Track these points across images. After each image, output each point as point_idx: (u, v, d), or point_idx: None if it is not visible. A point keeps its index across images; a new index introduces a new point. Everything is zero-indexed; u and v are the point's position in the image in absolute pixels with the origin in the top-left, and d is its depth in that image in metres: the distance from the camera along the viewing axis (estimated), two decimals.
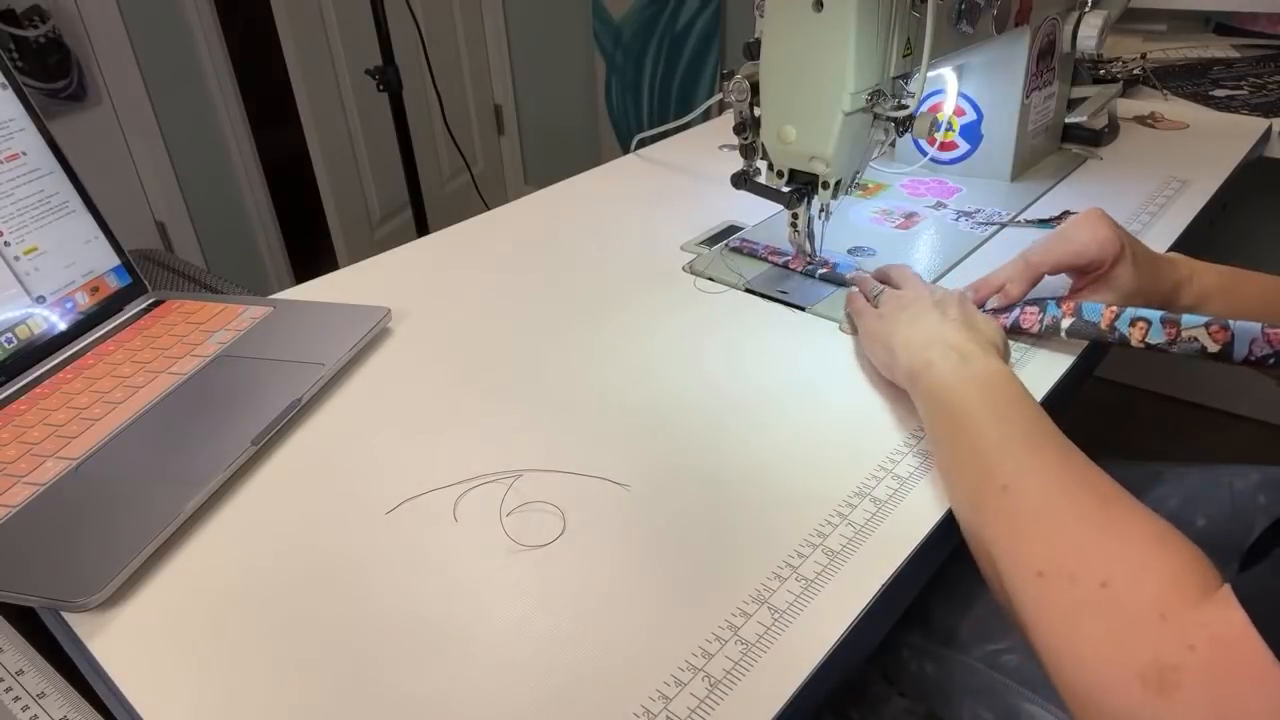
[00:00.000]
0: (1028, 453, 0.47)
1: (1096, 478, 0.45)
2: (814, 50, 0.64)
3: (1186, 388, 1.79)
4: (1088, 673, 0.38)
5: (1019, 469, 0.46)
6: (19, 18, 1.66)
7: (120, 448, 0.57)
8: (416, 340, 0.70)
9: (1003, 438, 0.48)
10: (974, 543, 0.47)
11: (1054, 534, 0.43)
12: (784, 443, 0.56)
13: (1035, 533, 0.43)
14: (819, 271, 0.75)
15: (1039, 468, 0.46)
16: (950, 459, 0.51)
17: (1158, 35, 1.39)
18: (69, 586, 0.45)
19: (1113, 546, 0.41)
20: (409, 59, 1.76)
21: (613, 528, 0.49)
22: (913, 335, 0.58)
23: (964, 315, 0.59)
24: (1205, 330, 0.58)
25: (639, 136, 1.10)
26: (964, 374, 0.53)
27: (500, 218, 0.93)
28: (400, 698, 0.40)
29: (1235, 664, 0.34)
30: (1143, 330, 0.59)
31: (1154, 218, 0.83)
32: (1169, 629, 0.37)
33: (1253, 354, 0.57)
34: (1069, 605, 0.40)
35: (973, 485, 0.48)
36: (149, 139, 1.92)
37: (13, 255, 0.65)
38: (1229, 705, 0.34)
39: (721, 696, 0.40)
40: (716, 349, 0.67)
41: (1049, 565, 0.41)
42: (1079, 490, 0.44)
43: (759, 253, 0.80)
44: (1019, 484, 0.45)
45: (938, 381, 0.53)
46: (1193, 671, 0.35)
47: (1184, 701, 0.35)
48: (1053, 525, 0.43)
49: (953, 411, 0.51)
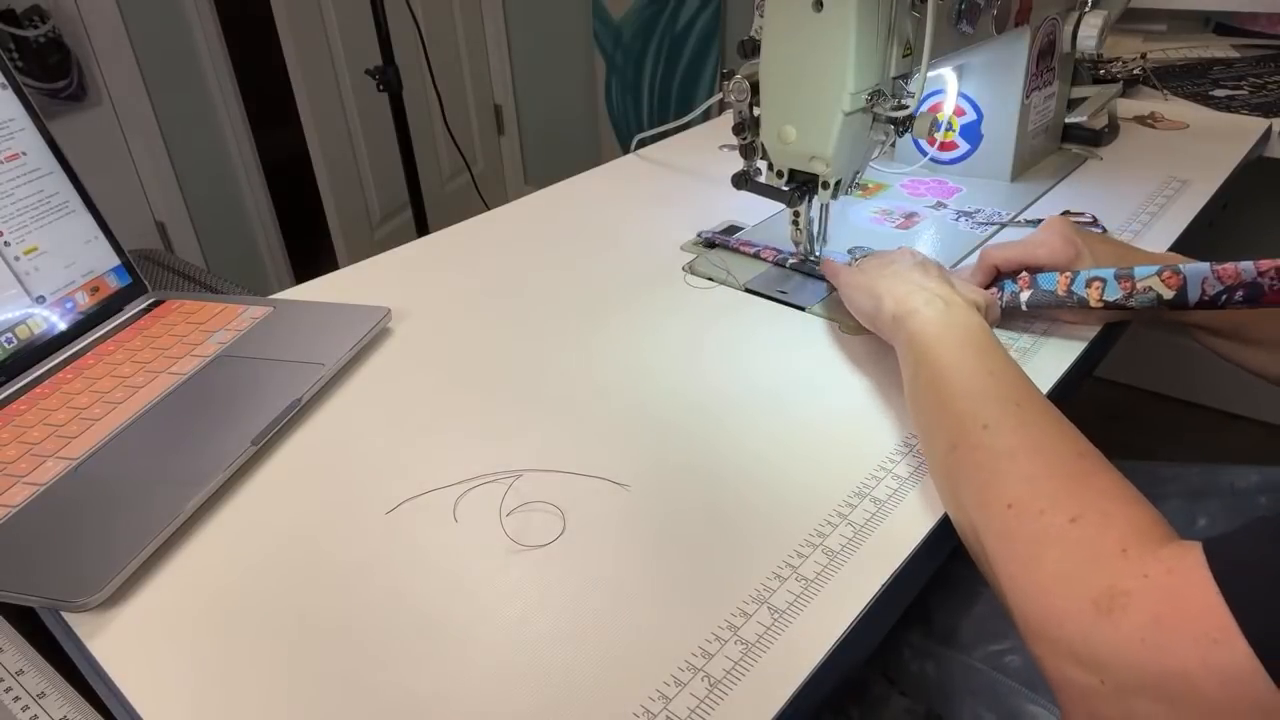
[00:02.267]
0: (1011, 400, 0.48)
1: (1073, 434, 0.46)
2: (814, 50, 0.64)
3: (1186, 388, 1.79)
4: (1044, 598, 0.39)
5: (1001, 412, 0.47)
6: (19, 18, 1.66)
7: (120, 448, 0.57)
8: (416, 340, 0.70)
9: (986, 381, 0.50)
10: (947, 484, 0.48)
11: (1029, 473, 0.44)
12: (784, 443, 0.56)
13: (1010, 471, 0.44)
14: (809, 259, 0.75)
15: (1019, 415, 0.47)
16: (931, 400, 0.52)
17: (1158, 35, 1.39)
18: (69, 586, 0.45)
19: (1085, 491, 0.42)
20: (409, 59, 1.76)
21: (613, 528, 0.49)
22: (896, 285, 0.59)
23: (945, 274, 0.61)
24: (1159, 278, 0.59)
25: (639, 136, 1.10)
26: (948, 319, 0.54)
27: (500, 218, 0.93)
28: (400, 697, 0.40)
29: (1180, 592, 0.35)
30: (1099, 289, 0.61)
31: (1154, 218, 0.83)
32: (1128, 561, 0.38)
33: (1205, 294, 0.57)
34: (1034, 534, 0.41)
35: (953, 424, 0.49)
36: (149, 139, 1.92)
37: (13, 255, 0.65)
38: (1166, 630, 0.35)
39: (721, 696, 0.40)
40: (716, 349, 0.67)
41: (1019, 499, 0.43)
42: (1056, 440, 0.45)
43: (746, 250, 0.80)
44: (999, 424, 0.46)
45: (921, 325, 0.55)
46: (1142, 596, 0.36)
47: (1126, 623, 0.36)
48: (1029, 465, 0.44)
49: (936, 353, 0.53)
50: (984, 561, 0.44)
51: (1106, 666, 0.36)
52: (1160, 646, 0.34)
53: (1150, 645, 0.35)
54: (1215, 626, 0.33)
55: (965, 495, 0.46)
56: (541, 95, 2.64)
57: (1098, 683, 0.36)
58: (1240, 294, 0.56)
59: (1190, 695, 0.33)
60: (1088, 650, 0.37)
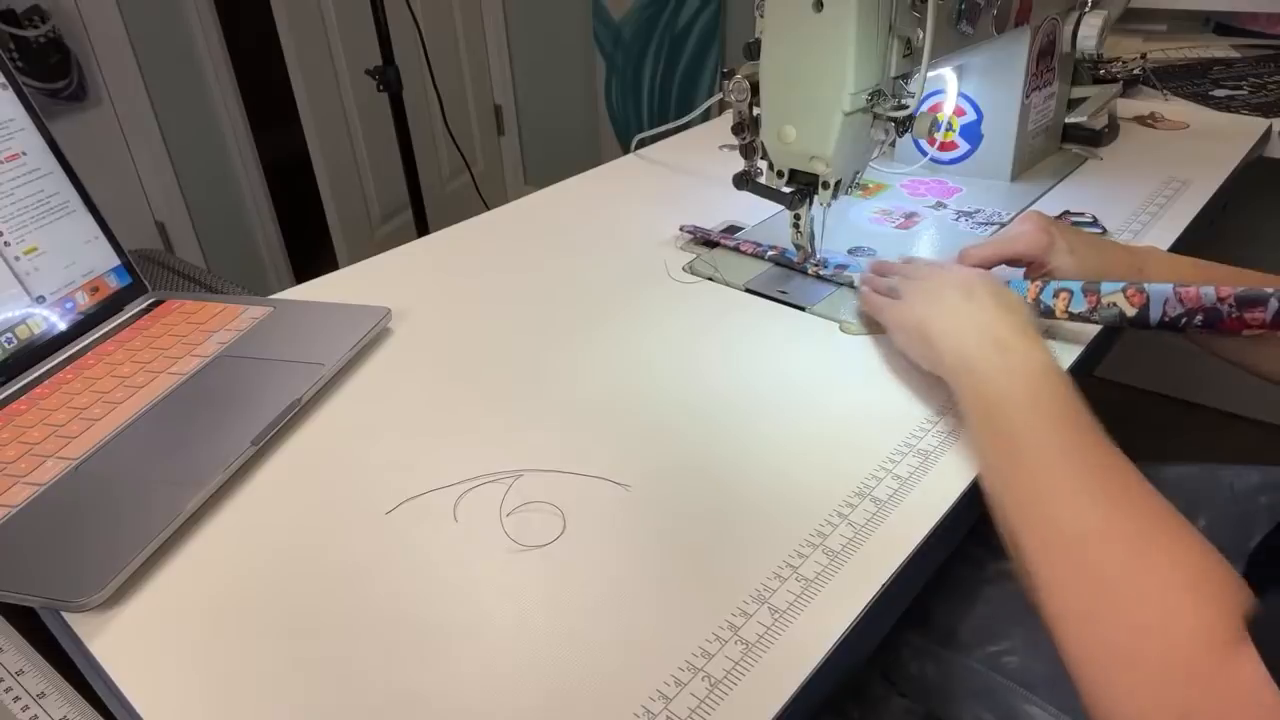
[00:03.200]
0: (1072, 472, 0.46)
1: (1140, 496, 0.44)
2: (814, 50, 0.64)
3: (1186, 388, 1.79)
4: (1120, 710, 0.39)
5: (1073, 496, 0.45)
6: (19, 18, 1.66)
7: (120, 448, 0.57)
8: (416, 340, 0.70)
9: (1044, 452, 0.47)
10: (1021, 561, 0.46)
11: (1093, 570, 0.42)
12: (784, 442, 0.56)
13: (1076, 565, 0.43)
14: (810, 267, 0.75)
15: (1082, 488, 0.45)
16: (997, 471, 0.50)
17: (1158, 35, 1.39)
18: (69, 586, 0.45)
19: (1152, 583, 0.41)
20: (409, 59, 1.76)
21: (613, 528, 0.49)
22: (948, 324, 0.56)
23: (994, 296, 0.57)
24: (1123, 294, 0.60)
25: (639, 136, 1.10)
26: (1009, 370, 0.52)
27: (500, 218, 0.93)
28: (400, 697, 0.40)
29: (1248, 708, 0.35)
30: (1065, 300, 0.61)
31: (1154, 218, 0.83)
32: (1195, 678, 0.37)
33: (1166, 314, 0.58)
34: (1106, 650, 0.40)
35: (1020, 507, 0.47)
36: (149, 139, 1.92)
37: (13, 255, 0.65)
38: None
39: (721, 696, 0.40)
40: (717, 349, 0.67)
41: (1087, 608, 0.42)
42: (1123, 517, 0.44)
43: (727, 243, 0.81)
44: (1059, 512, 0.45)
45: (981, 384, 0.52)
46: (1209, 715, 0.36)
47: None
48: (1093, 561, 0.43)
49: (1001, 418, 0.50)
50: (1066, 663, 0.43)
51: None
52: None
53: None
54: None
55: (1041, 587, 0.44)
56: (541, 95, 2.64)
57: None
58: (1200, 318, 0.57)
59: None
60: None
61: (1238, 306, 0.56)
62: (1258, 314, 0.55)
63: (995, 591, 0.66)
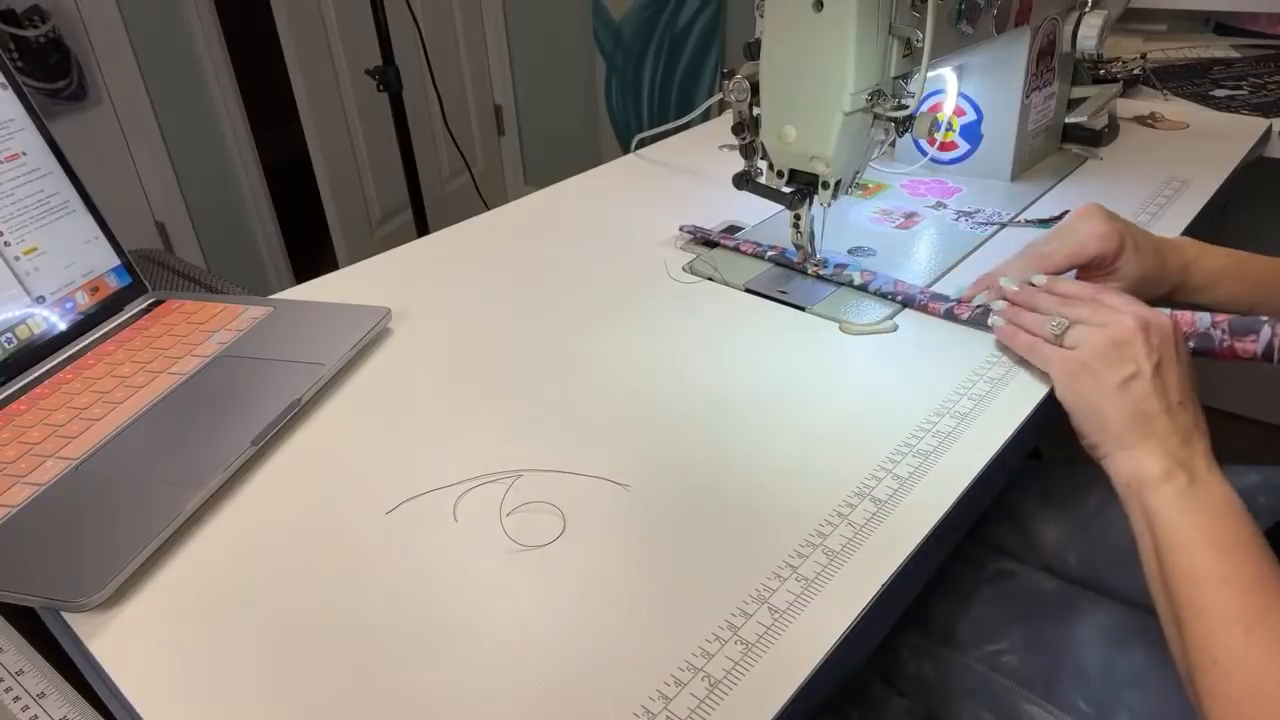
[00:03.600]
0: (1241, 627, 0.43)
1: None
2: (814, 50, 0.64)
3: None
4: None
5: (1229, 645, 0.43)
6: (19, 18, 1.66)
7: (120, 448, 0.57)
8: (416, 340, 0.70)
9: (1215, 597, 0.44)
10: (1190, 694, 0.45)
11: None
12: (784, 442, 0.56)
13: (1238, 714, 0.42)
14: (810, 267, 0.75)
15: (1248, 644, 0.42)
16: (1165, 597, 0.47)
17: (1158, 35, 1.39)
18: (69, 586, 0.45)
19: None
20: (409, 59, 1.76)
21: (613, 528, 0.49)
22: (1130, 419, 0.50)
23: (1181, 386, 0.51)
24: None
25: (639, 136, 1.10)
26: (1190, 502, 0.47)
27: (500, 218, 0.93)
28: (400, 698, 0.40)
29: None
30: None
31: (1154, 218, 0.83)
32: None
33: None
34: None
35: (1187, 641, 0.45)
36: (149, 139, 1.92)
37: (13, 255, 0.65)
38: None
39: (721, 696, 0.40)
40: (716, 349, 0.67)
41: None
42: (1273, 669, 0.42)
43: (727, 243, 0.81)
44: (1227, 664, 0.43)
45: (1160, 506, 0.48)
46: None
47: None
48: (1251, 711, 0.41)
49: (1172, 542, 0.47)
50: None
51: None
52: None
53: None
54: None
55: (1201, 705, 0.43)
56: (541, 95, 2.64)
57: None
58: (1193, 344, 0.57)
59: None
60: None
61: (1230, 334, 0.56)
62: (1249, 343, 0.56)
63: (994, 591, 0.66)
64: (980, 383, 0.60)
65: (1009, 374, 0.61)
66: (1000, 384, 0.60)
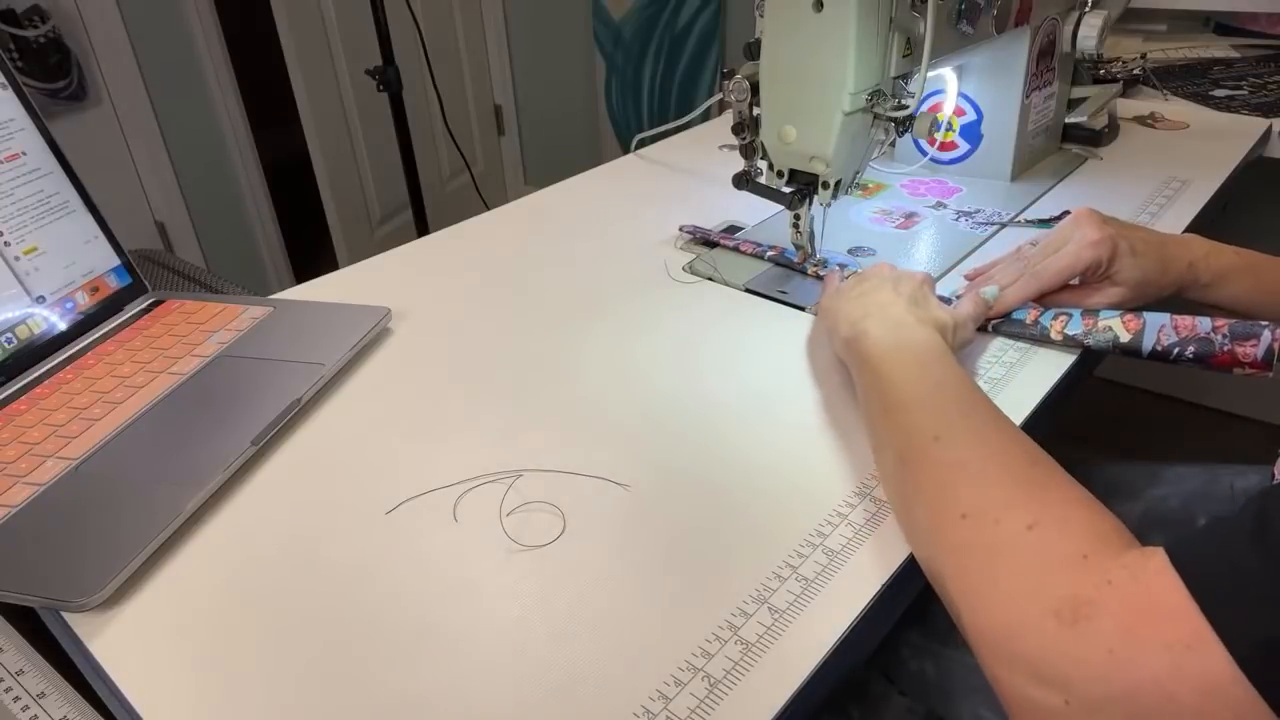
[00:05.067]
0: (959, 411, 0.47)
1: (1026, 443, 0.45)
2: (814, 50, 0.64)
3: (1186, 388, 1.79)
4: (1002, 611, 0.37)
5: (950, 423, 0.47)
6: (19, 18, 1.66)
7: (120, 448, 0.57)
8: (416, 340, 0.70)
9: (935, 395, 0.49)
10: (900, 501, 0.47)
11: (982, 482, 0.43)
12: (784, 443, 0.56)
13: (962, 481, 0.43)
14: (810, 267, 0.75)
15: (970, 425, 0.46)
16: (880, 417, 0.51)
17: (1158, 35, 1.39)
18: (69, 586, 0.45)
19: (1041, 497, 0.41)
20: (409, 59, 1.76)
21: (613, 528, 0.49)
22: (855, 308, 0.59)
23: (915, 293, 0.59)
24: (1120, 320, 0.60)
25: (639, 136, 1.10)
26: (897, 338, 0.54)
27: (500, 218, 0.93)
28: (400, 697, 0.40)
29: (1148, 599, 0.33)
30: (1063, 322, 0.62)
31: (1154, 218, 0.83)
32: (1089, 567, 0.36)
33: (1160, 343, 0.59)
34: (990, 544, 0.40)
35: (902, 439, 0.48)
36: (149, 139, 1.92)
37: (13, 255, 0.65)
38: (1135, 639, 0.33)
39: (721, 696, 0.40)
40: (717, 349, 0.67)
41: (974, 508, 0.41)
42: (1009, 448, 0.45)
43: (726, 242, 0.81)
44: (950, 436, 0.46)
45: (870, 346, 0.54)
46: (1107, 604, 0.34)
47: (1093, 633, 0.34)
48: (981, 474, 0.43)
49: (884, 370, 0.52)
50: (940, 581, 0.42)
51: (1071, 683, 0.34)
52: (1130, 658, 0.33)
53: (1119, 657, 0.33)
54: (1188, 632, 0.31)
55: (918, 510, 0.45)
56: (541, 95, 2.64)
57: (1062, 702, 0.34)
58: (1192, 349, 0.57)
59: (1164, 707, 0.32)
60: (1050, 666, 0.35)
61: (1230, 339, 0.56)
62: (1249, 348, 0.56)
63: None
64: (980, 383, 0.60)
65: (1008, 374, 0.61)
66: (1000, 384, 0.60)
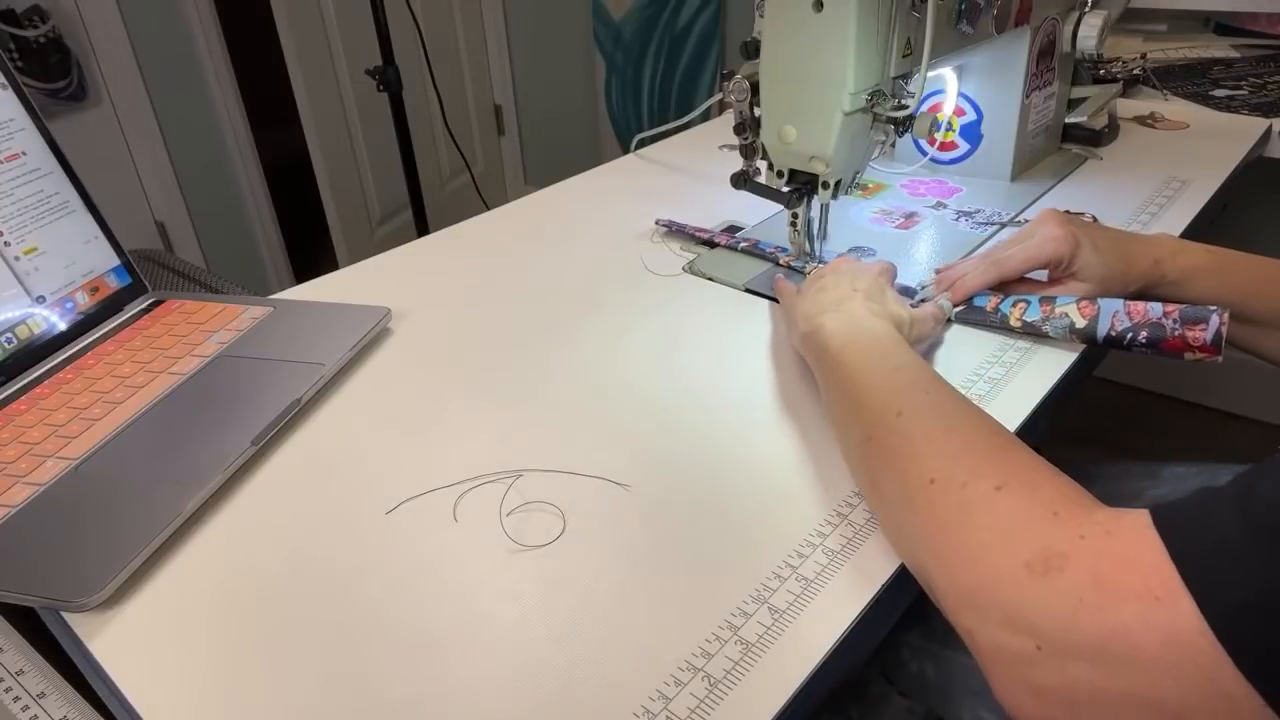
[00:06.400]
0: (920, 389, 0.48)
1: (987, 417, 0.46)
2: (814, 50, 0.64)
3: (1187, 388, 1.79)
4: (974, 564, 0.38)
5: (912, 400, 0.47)
6: (19, 18, 1.66)
7: (120, 448, 0.57)
8: (416, 340, 0.70)
9: (895, 376, 0.50)
10: (866, 475, 0.48)
11: (948, 450, 0.43)
12: (784, 442, 0.56)
13: (928, 450, 0.44)
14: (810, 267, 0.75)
15: (932, 401, 0.47)
16: (841, 403, 0.52)
17: (1158, 35, 1.39)
18: (69, 586, 0.45)
19: (1007, 463, 0.41)
20: (409, 59, 1.76)
21: (613, 528, 0.49)
22: (810, 305, 0.59)
23: (871, 288, 0.59)
24: (1075, 306, 0.62)
25: (639, 136, 1.10)
26: (853, 329, 0.55)
27: (500, 218, 0.93)
28: (400, 697, 0.40)
29: (1120, 551, 0.34)
30: (1022, 309, 0.63)
31: (1154, 218, 0.83)
32: (1060, 523, 0.36)
33: (1114, 328, 0.60)
34: (960, 503, 0.40)
35: (866, 417, 0.48)
36: (149, 139, 1.92)
37: (13, 255, 0.65)
38: (1105, 589, 0.33)
39: (721, 696, 0.40)
40: (717, 349, 0.67)
41: (942, 474, 0.42)
42: (972, 420, 0.45)
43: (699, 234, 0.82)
44: (912, 411, 0.46)
45: (826, 338, 0.55)
46: (1079, 556, 0.34)
47: (1064, 583, 0.34)
48: (946, 444, 0.44)
49: (842, 359, 0.53)
50: (912, 550, 0.42)
51: (1042, 630, 0.34)
52: (1100, 606, 0.33)
53: (1089, 605, 0.33)
54: (1158, 583, 0.32)
55: (885, 482, 0.45)
56: (541, 95, 2.64)
57: (1033, 648, 0.35)
58: (1144, 334, 0.59)
59: (1131, 656, 0.32)
60: (1022, 614, 0.35)
61: (1180, 323, 0.57)
62: (1199, 332, 0.57)
63: None
64: (980, 383, 0.60)
65: (1008, 374, 0.61)
66: (1000, 384, 0.60)
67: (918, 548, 0.42)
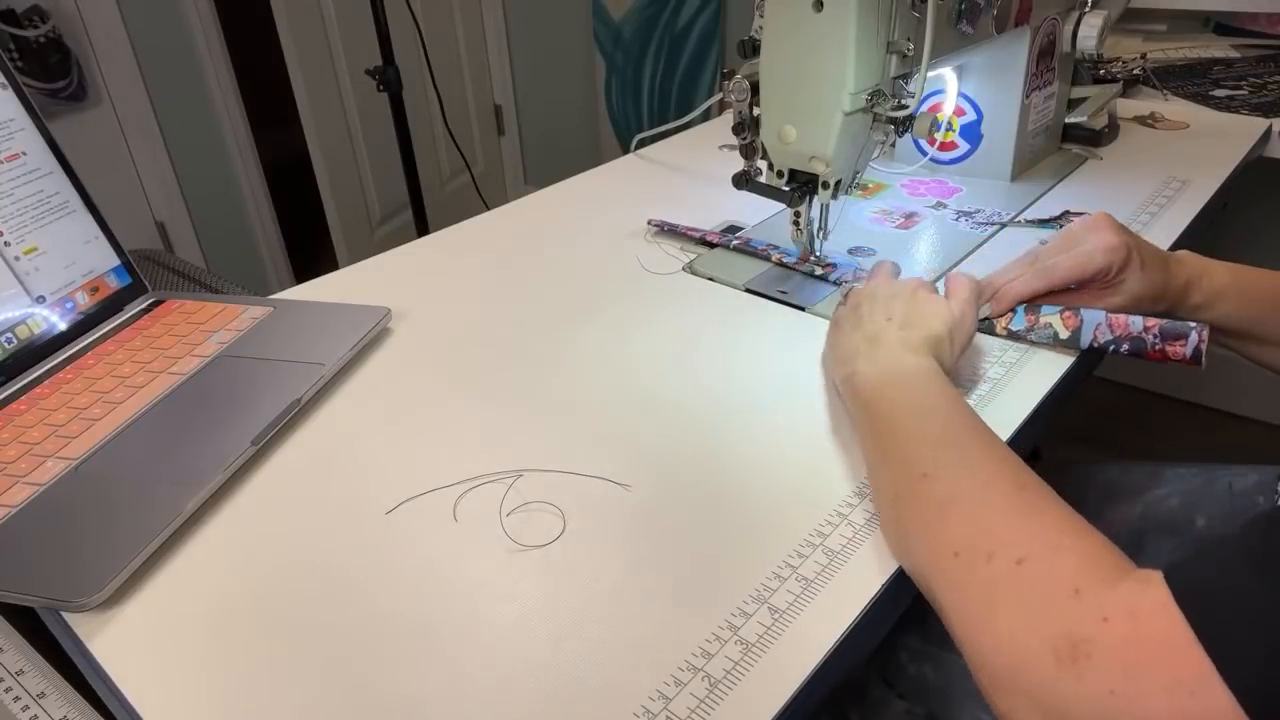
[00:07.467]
0: (945, 443, 0.47)
1: (1014, 467, 0.45)
2: (814, 50, 0.64)
3: (1187, 388, 1.79)
4: (1003, 651, 0.38)
5: (937, 458, 0.46)
6: (19, 18, 1.66)
7: (120, 448, 0.57)
8: (416, 340, 0.70)
9: (921, 429, 0.49)
10: (897, 538, 0.47)
11: (970, 516, 0.43)
12: (784, 443, 0.56)
13: (952, 516, 0.43)
14: (810, 267, 0.75)
15: (956, 457, 0.46)
16: (874, 457, 0.51)
17: (1158, 35, 1.39)
18: (69, 586, 0.45)
19: (1028, 527, 0.41)
20: (409, 59, 1.76)
21: (613, 528, 0.49)
22: (846, 345, 0.58)
23: (907, 314, 0.57)
24: (1059, 317, 0.62)
25: (639, 136, 1.10)
26: (884, 373, 0.53)
27: (500, 218, 0.93)
28: (400, 697, 0.40)
29: (1150, 636, 0.33)
30: (1008, 318, 0.63)
31: (1154, 218, 0.83)
32: (1083, 603, 0.36)
33: (1097, 340, 0.60)
34: (984, 582, 0.40)
35: (894, 477, 0.48)
36: (149, 139, 1.92)
37: (13, 255, 0.65)
38: (1138, 676, 0.33)
39: (721, 696, 0.40)
40: (717, 349, 0.67)
41: (965, 545, 0.42)
42: (996, 477, 0.45)
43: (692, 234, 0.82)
44: (937, 471, 0.46)
45: (859, 384, 0.54)
46: (1105, 642, 0.34)
47: (1092, 674, 0.34)
48: (969, 508, 0.43)
49: (873, 405, 0.52)
50: (943, 614, 0.43)
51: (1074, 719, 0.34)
52: (1132, 699, 0.32)
53: (1120, 697, 0.33)
54: (1191, 675, 0.31)
55: (915, 547, 0.45)
56: (541, 95, 2.64)
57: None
58: (1126, 347, 0.59)
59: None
60: (1054, 703, 0.35)
61: (1161, 338, 0.58)
62: (1179, 347, 0.57)
63: None
64: (980, 384, 0.60)
65: (1008, 375, 0.61)
66: (999, 385, 0.60)
67: (948, 617, 0.42)
